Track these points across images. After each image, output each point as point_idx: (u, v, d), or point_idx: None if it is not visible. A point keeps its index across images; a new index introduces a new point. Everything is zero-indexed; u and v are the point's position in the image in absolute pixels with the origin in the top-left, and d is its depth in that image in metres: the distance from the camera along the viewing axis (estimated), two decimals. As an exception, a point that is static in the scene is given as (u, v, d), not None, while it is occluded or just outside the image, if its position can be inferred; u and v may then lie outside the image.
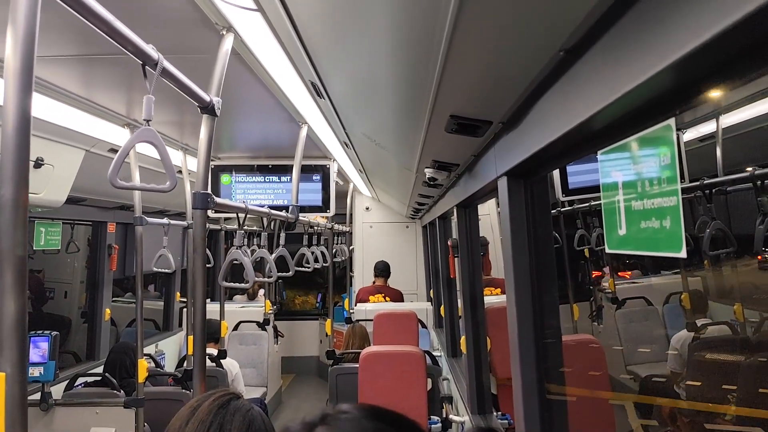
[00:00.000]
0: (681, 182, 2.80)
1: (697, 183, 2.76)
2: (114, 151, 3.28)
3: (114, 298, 5.09)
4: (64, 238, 4.32)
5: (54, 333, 3.33)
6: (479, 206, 2.93)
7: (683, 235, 0.81)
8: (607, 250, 1.07)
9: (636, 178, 0.96)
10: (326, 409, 0.50)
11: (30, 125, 0.87)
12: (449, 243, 3.06)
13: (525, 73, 1.08)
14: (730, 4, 0.52)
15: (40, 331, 3.36)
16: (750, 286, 3.99)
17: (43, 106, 2.58)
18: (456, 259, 3.01)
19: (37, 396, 3.36)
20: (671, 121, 0.82)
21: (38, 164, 2.87)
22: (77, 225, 4.75)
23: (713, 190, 2.81)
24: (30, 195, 0.98)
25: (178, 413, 1.18)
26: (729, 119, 2.86)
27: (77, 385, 3.92)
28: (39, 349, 3.32)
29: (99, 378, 3.83)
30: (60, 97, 2.59)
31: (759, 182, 2.39)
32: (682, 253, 0.81)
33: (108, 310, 4.76)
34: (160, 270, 4.03)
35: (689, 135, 3.19)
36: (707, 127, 3.07)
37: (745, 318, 3.57)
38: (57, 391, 3.65)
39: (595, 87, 0.85)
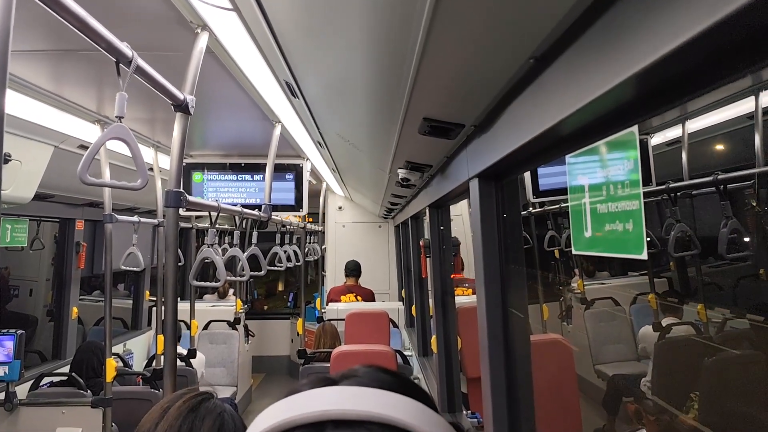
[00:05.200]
0: (649, 185, 2.87)
1: (663, 186, 2.83)
2: (84, 147, 3.24)
3: (81, 297, 5.01)
4: (30, 235, 4.24)
5: (19, 332, 3.27)
6: (451, 207, 2.96)
7: (645, 237, 0.84)
8: (574, 251, 1.10)
9: (601, 182, 0.99)
10: (343, 372, 0.52)
11: (3, 123, 0.86)
12: (421, 243, 3.09)
13: (496, 78, 1.11)
14: (691, 18, 0.55)
15: (5, 330, 3.31)
16: (714, 287, 4.10)
17: (11, 101, 2.53)
18: (428, 259, 3.04)
19: (1, 396, 3.30)
20: (634, 128, 0.85)
21: (6, 160, 2.82)
22: (43, 221, 4.67)
23: (678, 194, 2.88)
24: None
25: (148, 413, 1.16)
26: (694, 124, 2.94)
27: (43, 385, 3.85)
28: (4, 348, 3.26)
29: (65, 378, 3.77)
30: (28, 92, 2.55)
31: (722, 186, 2.46)
32: (644, 255, 0.84)
33: (75, 309, 4.69)
34: (129, 268, 3.98)
35: (657, 139, 3.26)
36: (674, 132, 3.15)
37: (708, 318, 3.67)
38: (22, 391, 3.59)
39: (563, 94, 0.87)
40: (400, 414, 0.45)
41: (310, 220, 7.62)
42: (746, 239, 2.61)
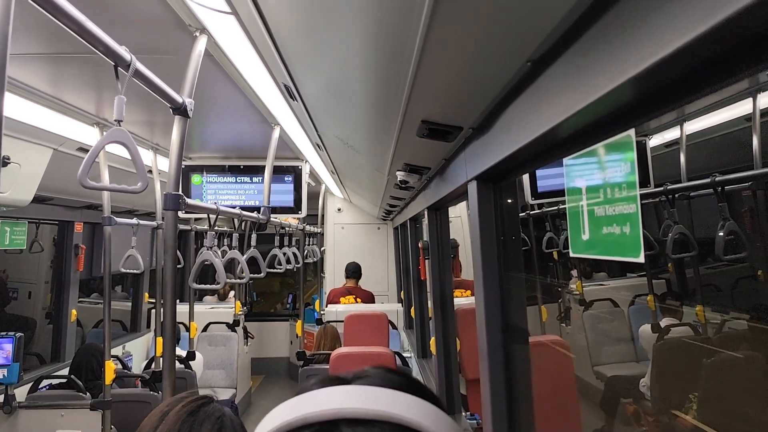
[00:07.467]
0: (647, 187, 2.88)
1: (661, 188, 2.83)
2: (83, 149, 3.24)
3: (80, 299, 5.01)
4: (28, 238, 4.24)
5: (18, 334, 3.28)
6: (450, 208, 2.96)
7: (642, 240, 0.84)
8: (571, 254, 1.11)
9: (598, 185, 1.00)
10: (354, 372, 0.53)
11: (2, 126, 0.86)
12: (420, 245, 3.09)
13: (494, 81, 1.11)
14: (688, 21, 0.55)
15: (4, 333, 3.31)
16: (712, 288, 4.10)
17: (10, 104, 2.54)
18: (427, 260, 3.04)
19: (1, 398, 3.30)
20: (631, 132, 0.85)
21: (4, 163, 2.82)
22: (42, 224, 4.67)
23: (676, 195, 2.88)
24: None
25: (147, 418, 1.16)
26: (693, 126, 2.95)
27: (42, 388, 3.85)
28: (3, 351, 3.26)
29: (64, 380, 3.77)
30: (27, 95, 2.55)
31: (720, 188, 2.46)
32: (641, 258, 0.84)
33: (74, 311, 4.68)
34: (128, 271, 3.98)
35: (655, 141, 3.26)
36: (672, 134, 3.16)
37: (707, 319, 3.68)
38: (21, 393, 3.59)
39: (560, 97, 0.88)
40: (412, 414, 0.45)
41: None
42: (744, 241, 2.61)
